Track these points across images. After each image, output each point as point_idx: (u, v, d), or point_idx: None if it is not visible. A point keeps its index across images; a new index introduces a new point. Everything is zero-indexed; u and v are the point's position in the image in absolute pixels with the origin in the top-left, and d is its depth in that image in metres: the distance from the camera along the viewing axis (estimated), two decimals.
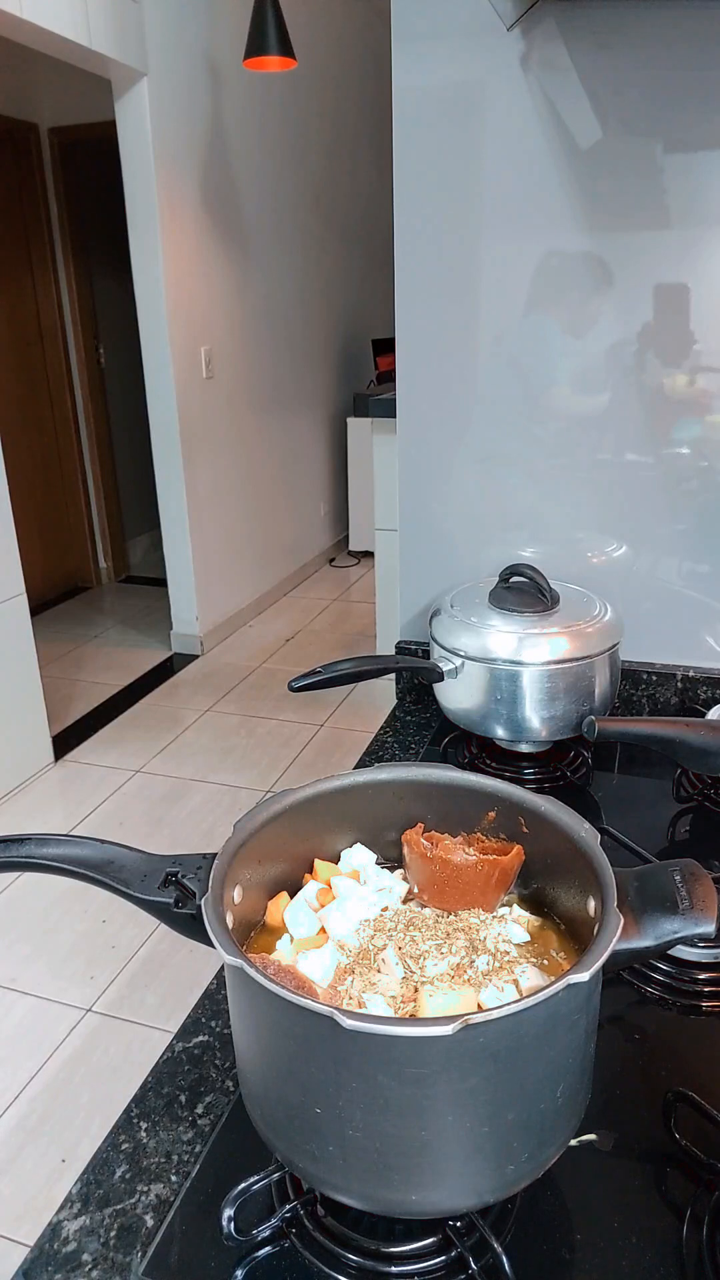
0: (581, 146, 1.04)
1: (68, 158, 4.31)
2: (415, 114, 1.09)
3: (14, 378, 4.30)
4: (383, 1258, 0.54)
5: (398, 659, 1.11)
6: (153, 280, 3.43)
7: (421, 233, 1.13)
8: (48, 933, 2.27)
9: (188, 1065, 0.68)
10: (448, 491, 1.23)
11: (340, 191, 4.95)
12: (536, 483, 1.19)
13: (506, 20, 1.00)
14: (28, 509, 4.00)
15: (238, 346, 4.05)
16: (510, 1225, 0.55)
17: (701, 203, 1.03)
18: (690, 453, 1.12)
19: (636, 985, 0.75)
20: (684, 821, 0.99)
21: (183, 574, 3.89)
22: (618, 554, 1.19)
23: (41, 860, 0.59)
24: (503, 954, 0.58)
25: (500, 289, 1.12)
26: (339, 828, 0.68)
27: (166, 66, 3.27)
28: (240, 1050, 0.55)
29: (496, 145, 1.07)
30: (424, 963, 0.56)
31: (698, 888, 0.54)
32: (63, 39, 2.72)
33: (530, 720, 1.04)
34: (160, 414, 3.64)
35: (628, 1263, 0.53)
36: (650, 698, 1.20)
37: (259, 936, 0.62)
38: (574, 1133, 0.54)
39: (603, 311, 1.10)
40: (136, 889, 0.58)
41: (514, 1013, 0.45)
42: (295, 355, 4.64)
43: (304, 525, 4.98)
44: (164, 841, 2.63)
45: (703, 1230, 0.55)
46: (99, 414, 4.77)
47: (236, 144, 3.81)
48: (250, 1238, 0.54)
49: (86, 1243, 0.55)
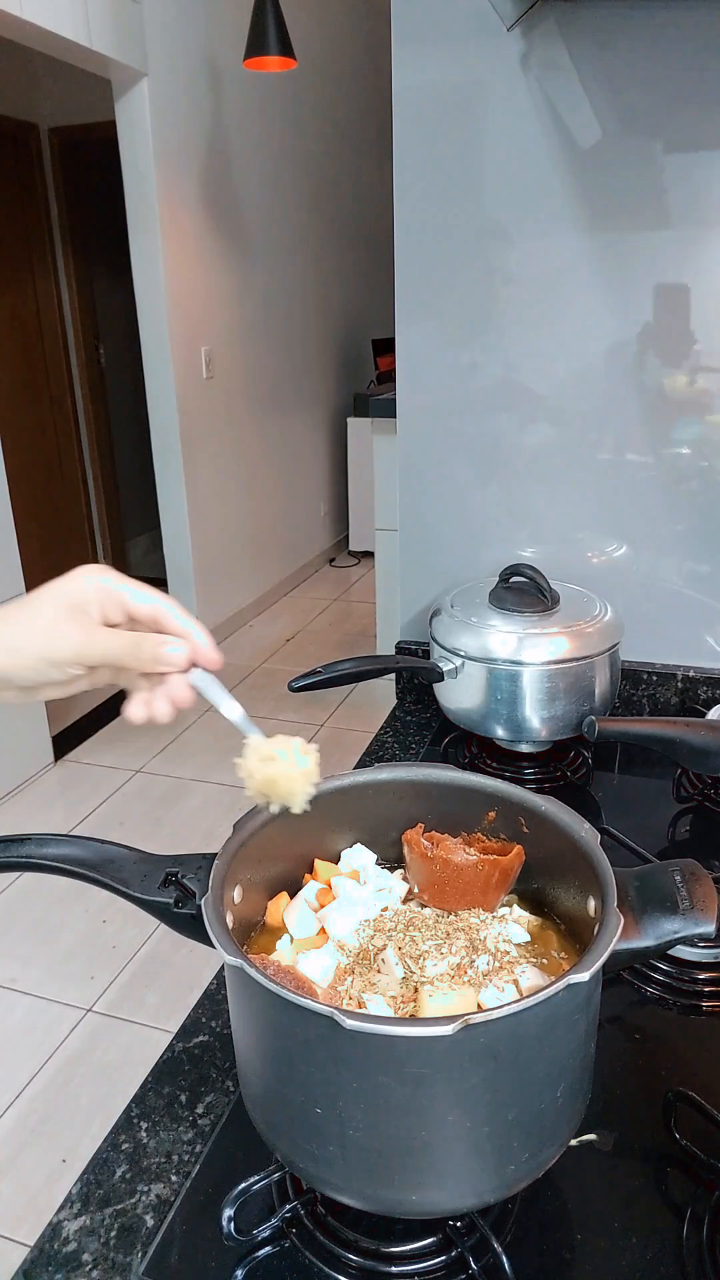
0: (581, 146, 1.04)
1: (68, 158, 4.30)
2: (415, 114, 1.09)
3: (14, 378, 4.29)
4: (383, 1258, 0.54)
5: (398, 659, 1.11)
6: (153, 280, 3.43)
7: (421, 233, 1.13)
8: (48, 933, 2.27)
9: (188, 1065, 0.68)
10: (448, 491, 1.23)
11: (340, 191, 4.95)
12: (536, 483, 1.19)
13: (506, 20, 1.00)
14: (28, 509, 4.00)
15: (238, 346, 4.05)
16: (510, 1225, 0.55)
17: (701, 203, 1.03)
18: (690, 453, 1.12)
19: (636, 985, 0.75)
20: (684, 821, 0.99)
21: (183, 574, 3.89)
22: (618, 554, 1.19)
23: (41, 860, 0.59)
24: (503, 954, 0.58)
25: (500, 289, 1.12)
26: (339, 828, 0.68)
27: (166, 66, 3.27)
28: (240, 1050, 0.55)
29: (496, 145, 1.07)
30: (424, 963, 0.56)
31: (698, 888, 0.54)
32: (63, 39, 2.72)
33: (530, 720, 1.04)
34: (160, 414, 3.64)
35: (628, 1263, 0.53)
36: (650, 698, 1.20)
37: (259, 936, 0.62)
38: (574, 1133, 0.54)
39: (603, 311, 1.10)
40: (136, 889, 0.58)
41: (514, 1013, 0.45)
42: (295, 355, 4.64)
43: (304, 525, 4.98)
44: (164, 841, 2.63)
45: (703, 1230, 0.55)
46: (99, 414, 4.76)
47: (236, 144, 3.81)
48: (250, 1238, 0.54)
49: (86, 1243, 0.55)
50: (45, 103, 4.19)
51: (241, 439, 4.18)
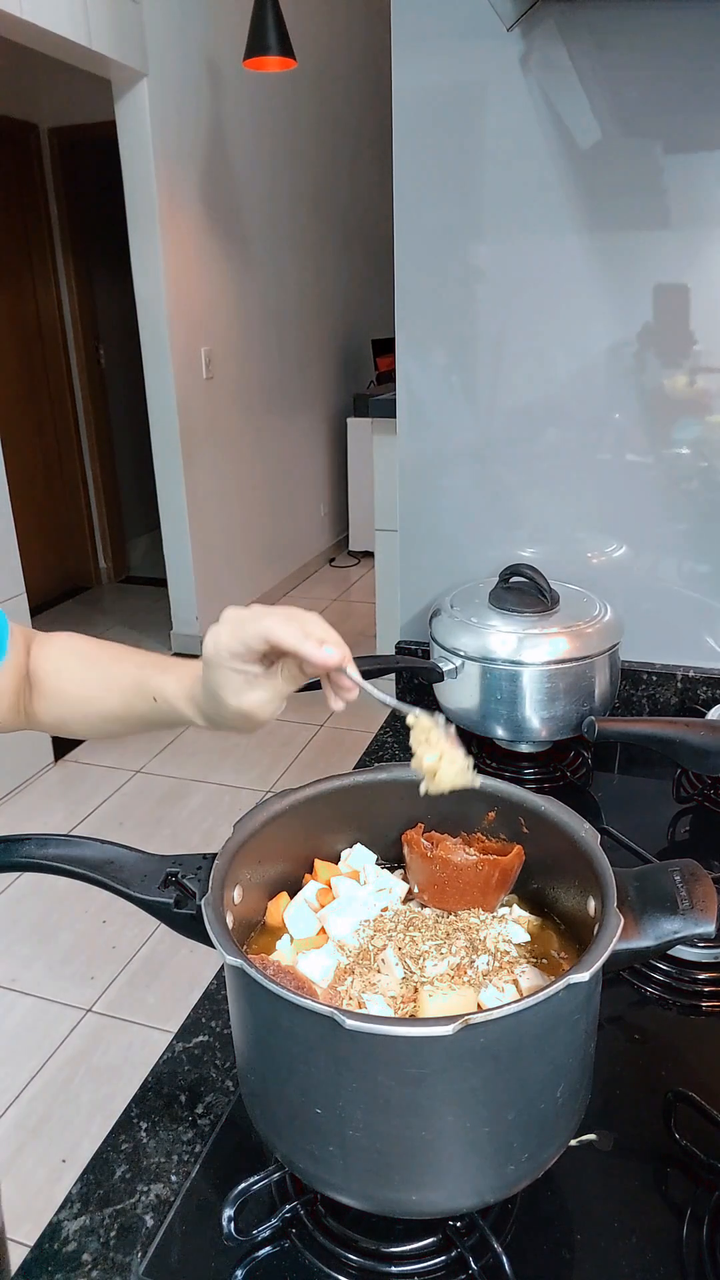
0: (581, 146, 1.04)
1: (68, 158, 4.30)
2: (415, 114, 1.09)
3: (14, 378, 4.29)
4: (383, 1258, 0.54)
5: (398, 659, 1.11)
6: (153, 280, 3.43)
7: (421, 233, 1.13)
8: (48, 933, 2.27)
9: (188, 1065, 0.68)
10: (448, 491, 1.23)
11: (340, 191, 4.95)
12: (536, 483, 1.19)
13: (506, 21, 1.00)
14: (28, 509, 3.99)
15: (238, 346, 4.04)
16: (510, 1225, 0.55)
17: (701, 203, 1.03)
18: (690, 453, 1.12)
19: (636, 985, 0.75)
20: (684, 821, 0.99)
21: (183, 574, 3.89)
22: (618, 554, 1.19)
23: (41, 860, 0.59)
24: (503, 954, 0.58)
25: (500, 289, 1.12)
26: (339, 828, 0.68)
27: (166, 66, 3.27)
28: (240, 1050, 0.55)
29: (496, 145, 1.07)
30: (424, 963, 0.56)
31: (698, 888, 0.54)
32: (63, 39, 2.72)
33: (530, 720, 1.04)
34: (160, 414, 3.64)
35: (628, 1263, 0.53)
36: (650, 698, 1.20)
37: (259, 936, 0.62)
38: (574, 1133, 0.54)
39: (603, 311, 1.10)
40: (136, 889, 0.58)
41: (514, 1013, 0.45)
42: (295, 355, 4.64)
43: (304, 525, 4.98)
44: (164, 841, 2.63)
45: (703, 1230, 0.55)
46: (99, 414, 4.76)
47: (236, 144, 3.81)
48: (250, 1238, 0.54)
49: (86, 1243, 0.55)
50: (45, 103, 4.19)
51: (241, 439, 4.18)
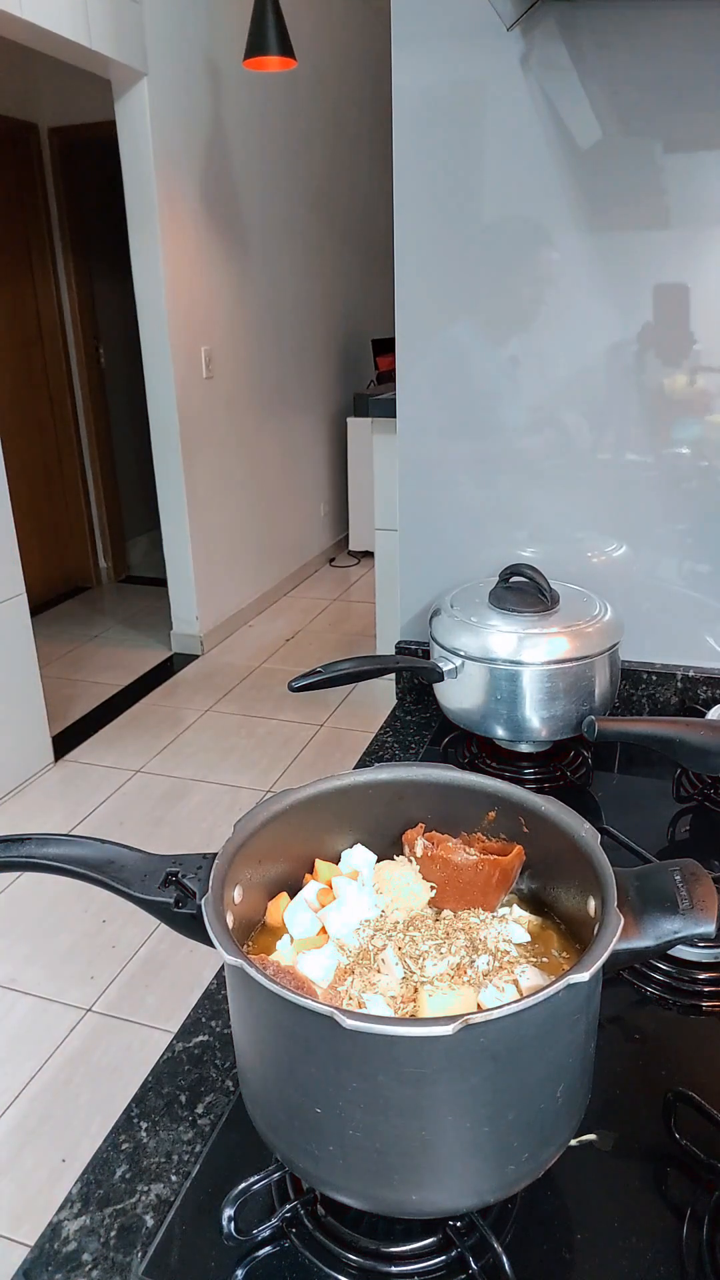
0: (581, 146, 1.04)
1: (68, 158, 4.30)
2: (415, 114, 1.09)
3: (14, 378, 4.29)
4: (383, 1258, 0.54)
5: (398, 659, 1.11)
6: (153, 280, 3.43)
7: (421, 232, 1.13)
8: (48, 933, 2.27)
9: (188, 1065, 0.68)
10: (448, 491, 1.23)
11: (340, 191, 4.95)
12: (536, 483, 1.19)
13: (506, 20, 1.00)
14: (28, 509, 4.00)
15: (238, 346, 4.05)
16: (510, 1225, 0.55)
17: (701, 203, 1.03)
18: (690, 453, 1.12)
19: (636, 985, 0.75)
20: (684, 821, 0.99)
21: (183, 574, 3.89)
22: (618, 554, 1.19)
23: (41, 860, 0.59)
24: (503, 954, 0.58)
25: (500, 289, 1.12)
26: (339, 828, 0.68)
27: (166, 66, 3.27)
28: (240, 1050, 0.55)
29: (496, 145, 1.07)
30: (424, 963, 0.56)
31: (698, 888, 0.54)
32: (63, 39, 2.72)
33: (530, 720, 1.04)
34: (160, 414, 3.64)
35: (628, 1263, 0.53)
36: (650, 698, 1.20)
37: (259, 936, 0.62)
38: (574, 1133, 0.54)
39: (603, 311, 1.10)
40: (136, 889, 0.58)
41: (514, 1013, 0.45)
42: (295, 355, 4.64)
43: (304, 525, 4.98)
44: (164, 841, 2.63)
45: (703, 1230, 0.55)
46: (99, 414, 4.77)
47: (236, 144, 3.81)
48: (250, 1238, 0.54)
49: (86, 1243, 0.55)
50: (45, 103, 4.20)
51: (242, 439, 4.18)
